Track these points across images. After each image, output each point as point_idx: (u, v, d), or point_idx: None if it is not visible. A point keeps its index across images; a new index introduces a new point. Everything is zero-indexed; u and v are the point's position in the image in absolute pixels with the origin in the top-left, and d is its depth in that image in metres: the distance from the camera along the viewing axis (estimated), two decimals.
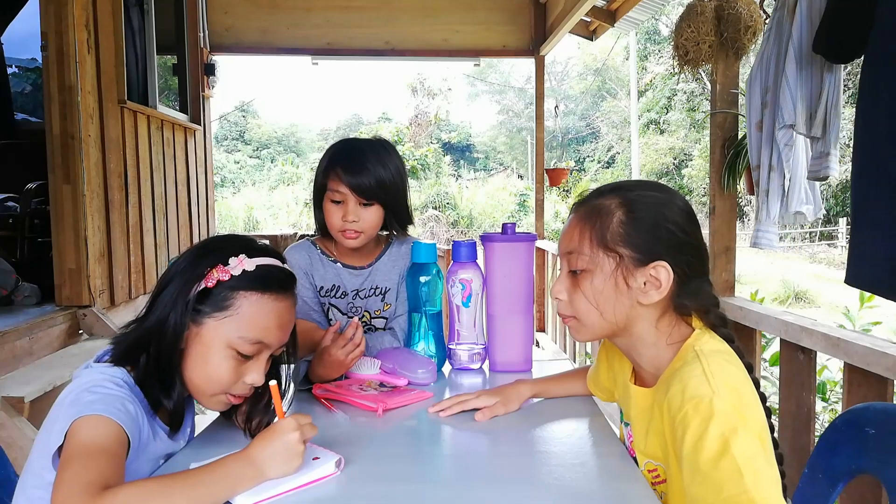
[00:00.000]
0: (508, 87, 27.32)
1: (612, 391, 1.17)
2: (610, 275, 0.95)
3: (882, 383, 1.52)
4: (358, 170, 1.39)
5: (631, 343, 1.00)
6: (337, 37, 5.21)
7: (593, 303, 0.96)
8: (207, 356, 0.98)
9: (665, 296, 0.94)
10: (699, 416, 0.83)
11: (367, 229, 1.43)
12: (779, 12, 2.03)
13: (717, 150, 2.48)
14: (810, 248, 17.98)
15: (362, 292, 1.51)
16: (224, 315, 0.97)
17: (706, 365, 0.88)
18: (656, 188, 0.99)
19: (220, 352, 0.98)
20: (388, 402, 1.17)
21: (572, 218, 1.00)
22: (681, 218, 0.95)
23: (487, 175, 22.90)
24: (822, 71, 1.90)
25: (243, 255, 0.99)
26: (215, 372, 0.98)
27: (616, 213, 0.95)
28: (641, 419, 0.99)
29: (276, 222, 17.33)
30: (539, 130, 5.59)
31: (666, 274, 0.93)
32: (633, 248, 0.94)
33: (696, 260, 0.97)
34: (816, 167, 1.96)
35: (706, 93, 17.10)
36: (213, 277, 0.97)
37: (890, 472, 1.00)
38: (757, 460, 0.80)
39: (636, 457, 1.02)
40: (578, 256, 0.97)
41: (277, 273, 1.02)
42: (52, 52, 2.95)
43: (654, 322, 0.97)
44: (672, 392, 0.88)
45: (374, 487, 0.87)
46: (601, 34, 5.66)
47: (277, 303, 1.00)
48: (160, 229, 4.04)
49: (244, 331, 0.97)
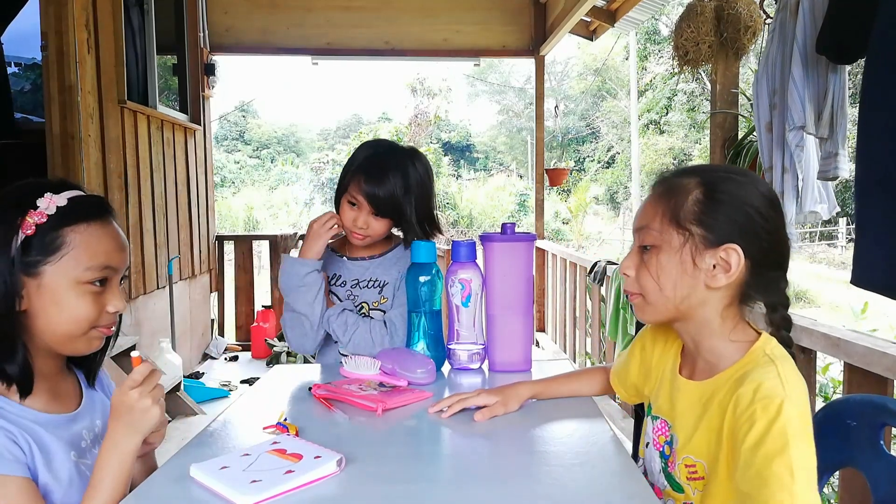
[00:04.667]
0: (508, 87, 27.32)
1: (640, 388, 1.15)
2: (677, 251, 0.93)
3: (882, 383, 1.52)
4: (377, 183, 1.44)
5: (694, 329, 0.98)
6: (337, 37, 5.21)
7: (655, 279, 0.95)
8: (61, 301, 0.95)
9: (735, 283, 0.92)
10: (767, 415, 0.82)
11: (374, 235, 1.52)
12: (781, 13, 2.03)
13: (717, 151, 2.48)
14: (810, 248, 17.98)
15: (361, 283, 1.58)
16: (59, 255, 0.94)
17: (781, 369, 0.88)
18: (739, 172, 0.98)
19: (72, 291, 0.95)
20: (387, 402, 1.17)
21: (649, 195, 0.99)
22: (761, 204, 0.92)
23: (487, 175, 22.91)
24: (826, 71, 1.90)
25: (49, 193, 0.95)
26: (76, 312, 0.96)
27: (693, 191, 0.93)
28: (690, 413, 0.97)
29: (276, 222, 17.34)
30: (539, 130, 5.59)
31: (737, 258, 0.90)
32: (706, 228, 0.92)
33: (774, 250, 0.94)
34: (826, 167, 1.97)
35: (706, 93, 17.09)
36: (29, 224, 0.93)
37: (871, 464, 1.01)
38: (811, 472, 0.80)
39: (662, 450, 1.01)
40: (648, 232, 0.96)
41: (92, 200, 1.00)
42: (52, 52, 2.95)
43: (720, 310, 0.95)
44: (743, 390, 0.87)
45: (374, 487, 0.87)
46: (601, 34, 5.66)
47: (107, 227, 0.99)
48: (160, 229, 4.04)
49: (88, 261, 0.95)
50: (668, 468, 1.00)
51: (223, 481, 0.85)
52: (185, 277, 4.55)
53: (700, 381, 0.98)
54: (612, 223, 21.02)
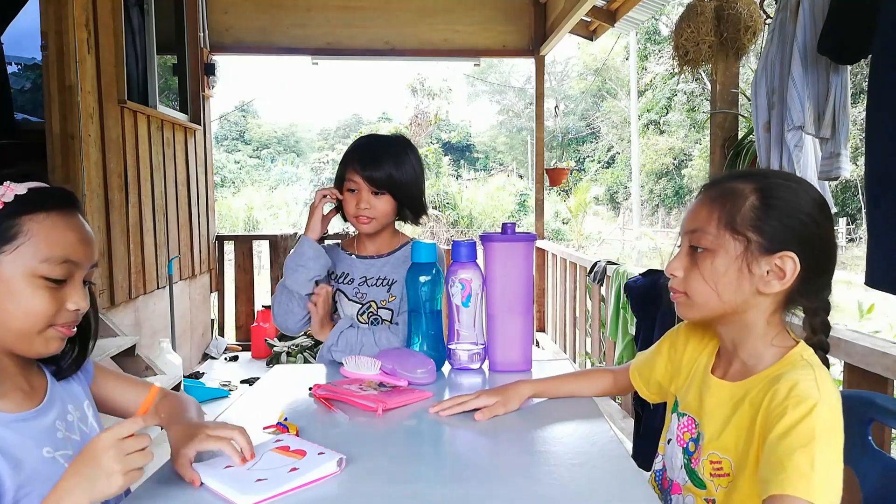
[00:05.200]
0: (508, 87, 27.31)
1: (665, 386, 1.15)
2: (735, 258, 0.93)
3: (882, 383, 1.51)
4: (371, 162, 1.53)
5: (738, 330, 0.98)
6: (337, 37, 5.21)
7: (710, 283, 0.95)
8: (15, 293, 0.89)
9: (786, 288, 0.93)
10: (799, 411, 0.83)
11: (379, 216, 1.55)
12: (781, 13, 2.02)
13: (717, 151, 2.48)
14: None
15: (370, 280, 1.61)
16: (15, 245, 0.89)
17: (818, 374, 0.89)
18: (792, 179, 0.98)
19: (28, 283, 0.89)
20: (387, 402, 1.17)
21: (701, 197, 0.99)
22: (815, 210, 0.93)
23: (487, 175, 22.89)
24: (828, 71, 1.90)
25: (8, 182, 0.91)
26: (30, 306, 0.89)
27: (750, 197, 0.94)
28: (720, 412, 0.98)
29: (276, 222, 17.33)
30: (539, 130, 5.59)
31: (792, 265, 0.91)
32: (762, 235, 0.92)
33: (825, 257, 0.95)
34: (828, 167, 1.96)
35: (706, 93, 17.09)
36: None
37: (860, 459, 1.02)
38: (833, 472, 0.79)
39: (686, 447, 1.02)
40: (703, 235, 0.96)
41: (56, 191, 0.95)
42: (52, 52, 2.95)
43: (769, 314, 0.96)
44: (778, 388, 0.88)
45: (374, 487, 0.87)
46: (601, 34, 5.66)
47: (70, 219, 0.93)
48: (160, 229, 4.04)
49: (46, 252, 0.90)
50: (690, 464, 1.01)
51: (228, 481, 0.85)
52: (185, 277, 4.55)
53: (734, 382, 0.99)
54: (612, 223, 21.01)
